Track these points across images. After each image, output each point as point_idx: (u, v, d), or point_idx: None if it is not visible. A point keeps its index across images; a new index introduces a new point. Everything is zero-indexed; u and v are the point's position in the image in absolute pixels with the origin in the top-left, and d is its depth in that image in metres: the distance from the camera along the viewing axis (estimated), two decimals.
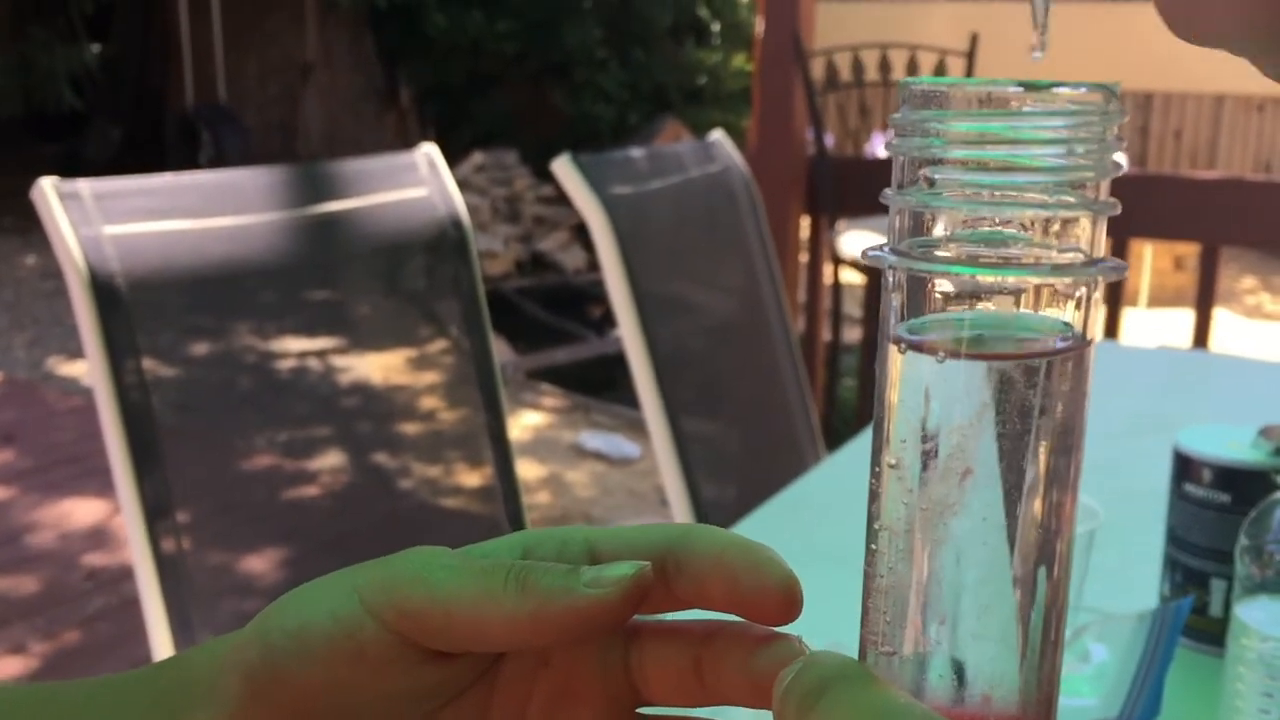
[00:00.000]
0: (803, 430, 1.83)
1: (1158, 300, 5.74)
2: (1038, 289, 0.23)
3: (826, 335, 3.21)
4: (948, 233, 0.23)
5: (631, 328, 1.47)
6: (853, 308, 4.14)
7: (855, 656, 0.25)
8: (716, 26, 8.05)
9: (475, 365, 1.39)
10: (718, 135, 1.81)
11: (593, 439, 3.99)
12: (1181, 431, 0.82)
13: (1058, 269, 0.23)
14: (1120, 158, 0.23)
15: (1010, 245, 0.23)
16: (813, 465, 1.81)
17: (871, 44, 2.88)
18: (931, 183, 0.23)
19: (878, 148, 3.31)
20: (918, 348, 0.23)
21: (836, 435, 3.29)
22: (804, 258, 3.08)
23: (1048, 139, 0.22)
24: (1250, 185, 2.63)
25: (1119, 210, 0.23)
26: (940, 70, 2.90)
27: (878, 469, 0.25)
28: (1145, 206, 2.54)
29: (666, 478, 1.49)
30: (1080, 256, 0.23)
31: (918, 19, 7.39)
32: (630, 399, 1.53)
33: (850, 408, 3.47)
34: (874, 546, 0.25)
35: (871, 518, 0.25)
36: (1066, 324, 0.23)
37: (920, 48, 2.90)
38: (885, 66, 2.93)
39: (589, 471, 3.81)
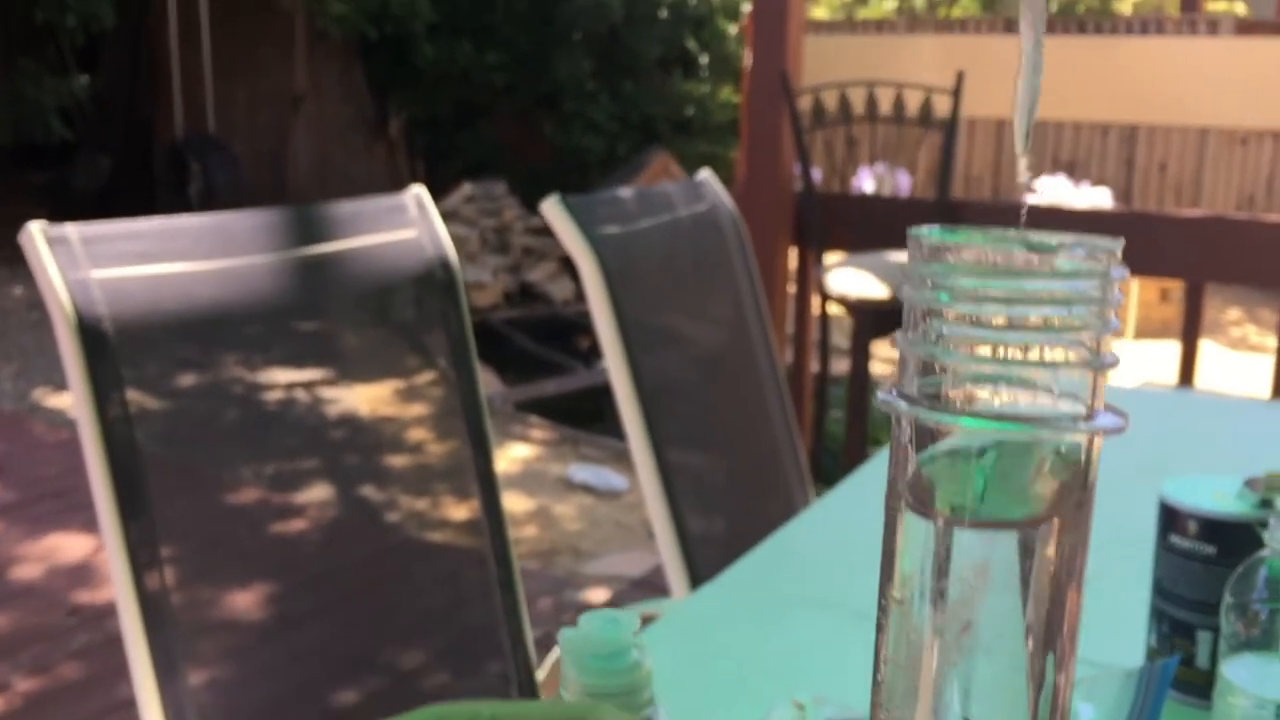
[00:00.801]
0: (790, 464, 1.83)
1: (1145, 331, 5.78)
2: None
3: (815, 367, 3.21)
4: (955, 372, 0.24)
5: (618, 364, 1.47)
6: (840, 339, 4.15)
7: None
8: (705, 59, 8.10)
9: (462, 402, 1.39)
10: (706, 175, 1.82)
11: (580, 471, 3.99)
12: (1167, 482, 0.82)
13: (1058, 424, 0.23)
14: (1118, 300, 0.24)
15: (1015, 386, 0.23)
16: (800, 500, 1.81)
17: (858, 81, 2.91)
18: (939, 334, 0.24)
19: (864, 182, 3.33)
20: (922, 512, 0.24)
21: (824, 469, 3.29)
22: (792, 289, 3.10)
23: (1050, 300, 0.23)
24: (1233, 224, 2.66)
25: (1118, 364, 0.24)
26: (927, 106, 2.92)
27: (884, 601, 0.25)
28: (1131, 244, 2.55)
29: (652, 511, 1.49)
30: (1081, 408, 0.24)
31: (905, 52, 7.46)
32: (619, 431, 1.53)
33: (838, 441, 3.48)
34: (879, 678, 0.25)
35: (878, 648, 0.25)
36: (1069, 470, 0.24)
37: (907, 85, 2.92)
38: (872, 103, 2.96)
39: (577, 504, 3.81)
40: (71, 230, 1.10)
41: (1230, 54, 7.21)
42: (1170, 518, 0.80)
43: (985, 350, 0.23)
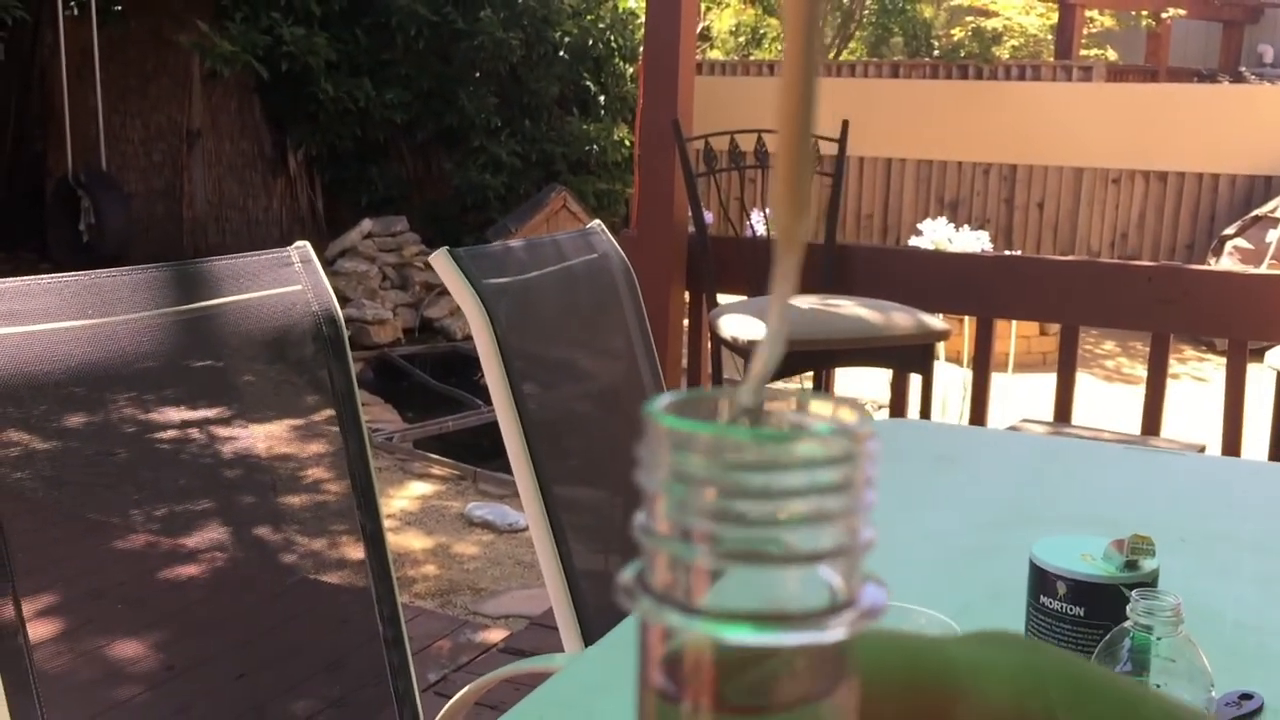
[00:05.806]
0: None
1: (1024, 365, 5.94)
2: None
3: None
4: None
5: (505, 409, 1.47)
6: (734, 374, 4.19)
7: None
8: (602, 99, 8.16)
9: (348, 459, 1.36)
10: (596, 224, 1.83)
11: (480, 508, 3.95)
12: (1037, 542, 0.84)
13: (808, 624, 0.21)
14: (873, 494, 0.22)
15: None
16: None
17: (748, 129, 2.95)
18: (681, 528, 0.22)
19: (756, 224, 3.38)
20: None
21: None
22: (685, 322, 3.12)
23: (787, 493, 0.21)
24: (1105, 267, 2.76)
25: (874, 544, 0.23)
26: (815, 152, 2.97)
27: None
28: (1009, 288, 2.64)
29: (539, 548, 1.48)
30: (835, 591, 0.22)
31: None
32: None
33: None
34: None
35: None
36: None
37: None
38: (761, 148, 3.00)
39: (476, 541, 3.77)
40: None
41: (1102, 98, 7.52)
42: (1040, 579, 0.82)
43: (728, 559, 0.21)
